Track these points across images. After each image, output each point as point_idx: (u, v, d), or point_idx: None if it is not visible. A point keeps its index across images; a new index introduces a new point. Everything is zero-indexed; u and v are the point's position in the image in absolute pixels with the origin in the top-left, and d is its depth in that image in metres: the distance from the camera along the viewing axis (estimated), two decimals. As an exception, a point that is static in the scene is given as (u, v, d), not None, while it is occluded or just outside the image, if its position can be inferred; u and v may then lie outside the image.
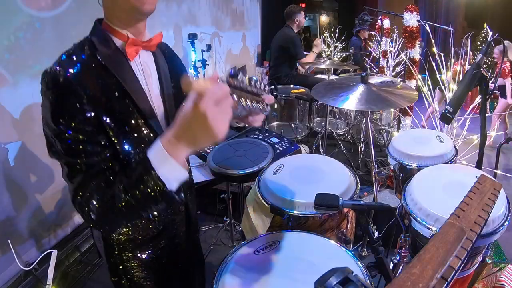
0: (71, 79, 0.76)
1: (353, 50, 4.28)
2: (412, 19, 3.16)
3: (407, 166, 1.62)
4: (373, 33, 5.30)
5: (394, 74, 4.38)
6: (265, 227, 1.31)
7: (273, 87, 3.37)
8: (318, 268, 0.92)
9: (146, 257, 1.05)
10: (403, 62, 3.66)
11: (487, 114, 1.37)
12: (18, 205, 2.18)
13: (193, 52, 4.18)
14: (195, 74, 4.28)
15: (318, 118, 3.80)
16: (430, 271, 0.44)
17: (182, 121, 0.69)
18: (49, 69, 0.78)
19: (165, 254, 1.08)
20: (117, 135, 0.83)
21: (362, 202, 1.00)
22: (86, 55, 0.82)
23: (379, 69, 4.55)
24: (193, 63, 4.24)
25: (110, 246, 1.03)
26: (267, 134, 2.24)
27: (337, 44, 6.08)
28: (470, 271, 1.18)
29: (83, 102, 0.77)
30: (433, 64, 2.77)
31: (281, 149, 2.13)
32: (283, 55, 3.82)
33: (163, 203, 0.76)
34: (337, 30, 6.12)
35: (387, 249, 1.25)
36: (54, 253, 1.86)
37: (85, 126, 0.78)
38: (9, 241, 2.06)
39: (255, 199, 1.38)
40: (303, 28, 9.13)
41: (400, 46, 4.25)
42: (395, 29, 4.61)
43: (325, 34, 6.22)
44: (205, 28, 4.81)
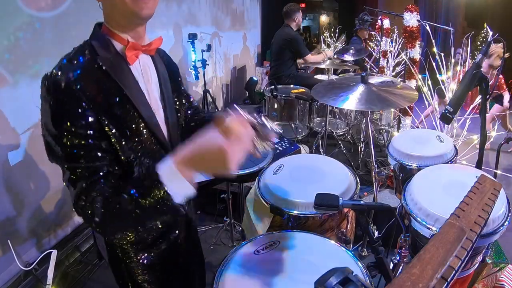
0: (72, 83, 0.76)
1: (353, 49, 4.28)
2: (412, 19, 3.15)
3: (407, 166, 1.62)
4: (373, 33, 5.30)
5: (394, 74, 4.37)
6: (265, 227, 1.31)
7: (273, 87, 3.37)
8: (318, 268, 0.92)
9: (148, 260, 1.04)
10: (403, 62, 3.65)
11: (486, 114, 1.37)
12: (18, 205, 2.18)
13: (193, 52, 4.18)
14: (195, 74, 4.28)
15: (318, 118, 3.80)
16: (430, 271, 0.44)
17: (201, 149, 0.74)
18: (49, 74, 0.78)
19: (166, 256, 1.08)
20: (119, 139, 0.83)
21: (362, 202, 1.01)
22: (86, 59, 0.82)
23: (379, 69, 4.55)
24: (193, 63, 4.24)
25: (113, 250, 1.03)
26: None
27: (337, 44, 6.07)
28: (470, 271, 1.18)
29: (84, 106, 0.77)
30: (433, 64, 2.77)
31: (281, 149, 2.12)
32: (283, 55, 3.82)
33: (169, 215, 0.79)
34: (337, 30, 6.11)
35: (387, 249, 1.24)
36: (54, 253, 1.86)
37: (86, 131, 0.77)
38: (9, 241, 2.06)
39: (255, 199, 1.38)
40: (303, 28, 9.14)
41: (400, 46, 4.25)
42: (395, 29, 4.60)
43: (325, 34, 6.22)
44: (205, 28, 4.81)
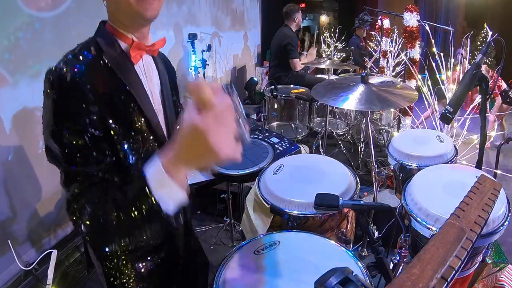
0: (78, 78, 0.75)
1: (353, 49, 4.29)
2: (412, 19, 3.16)
3: (407, 166, 1.62)
4: (373, 33, 5.30)
5: (394, 74, 4.38)
6: (265, 227, 1.31)
7: (273, 87, 3.37)
8: (318, 268, 0.92)
9: (146, 268, 1.01)
10: (403, 62, 3.65)
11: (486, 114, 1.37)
12: (18, 205, 2.18)
13: (193, 52, 4.18)
14: (195, 74, 4.28)
15: (318, 118, 3.80)
16: (430, 271, 0.44)
17: (181, 138, 0.62)
18: (54, 68, 0.76)
19: (165, 263, 1.05)
20: (121, 138, 0.82)
21: (362, 202, 1.01)
22: (92, 56, 0.81)
23: (379, 69, 4.55)
24: (193, 63, 4.24)
25: (105, 258, 0.98)
26: (267, 134, 2.24)
27: (337, 44, 6.08)
28: (470, 271, 1.17)
29: (88, 102, 0.75)
30: (433, 64, 2.77)
31: (281, 149, 2.12)
32: (282, 55, 3.82)
33: (157, 224, 0.71)
34: (337, 30, 6.12)
35: (387, 249, 1.24)
36: (54, 253, 1.86)
37: (88, 129, 0.75)
38: (9, 241, 2.06)
39: (255, 199, 1.38)
40: (302, 28, 9.13)
41: (400, 46, 4.25)
42: (395, 29, 4.61)
43: (325, 34, 6.23)
44: (205, 28, 4.81)
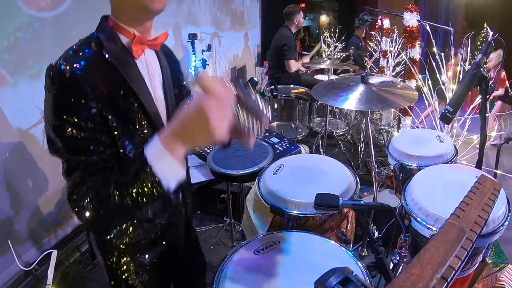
0: (77, 74, 0.75)
1: (353, 49, 4.29)
2: (412, 19, 3.15)
3: (407, 166, 1.62)
4: (373, 33, 5.30)
5: (394, 74, 4.38)
6: (265, 227, 1.31)
7: (273, 87, 3.37)
8: (318, 268, 0.92)
9: (147, 261, 1.03)
10: (403, 62, 3.65)
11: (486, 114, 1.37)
12: (18, 205, 2.18)
13: (193, 52, 4.18)
14: (195, 74, 4.28)
15: (318, 118, 3.80)
16: (430, 271, 0.44)
17: (182, 117, 0.69)
18: (54, 64, 0.77)
19: (165, 257, 1.07)
20: (121, 133, 0.82)
21: (362, 202, 1.01)
22: (92, 51, 0.81)
23: (379, 69, 4.55)
24: (193, 63, 4.24)
25: (109, 250, 1.00)
26: (267, 134, 2.24)
27: (337, 44, 6.08)
28: (470, 271, 1.18)
29: (88, 97, 0.76)
30: (433, 64, 2.77)
31: (281, 149, 2.13)
32: (280, 55, 3.83)
33: (159, 202, 0.73)
34: (337, 30, 6.12)
35: (387, 249, 1.24)
36: (54, 253, 1.86)
37: (88, 123, 0.77)
38: (9, 241, 2.05)
39: (255, 199, 1.38)
40: (302, 29, 9.14)
41: (400, 46, 4.25)
42: (395, 29, 4.61)
43: (325, 34, 6.23)
44: (205, 28, 4.81)
